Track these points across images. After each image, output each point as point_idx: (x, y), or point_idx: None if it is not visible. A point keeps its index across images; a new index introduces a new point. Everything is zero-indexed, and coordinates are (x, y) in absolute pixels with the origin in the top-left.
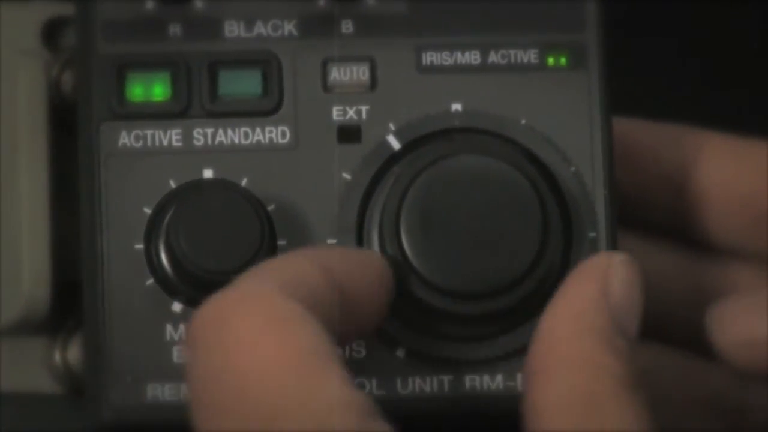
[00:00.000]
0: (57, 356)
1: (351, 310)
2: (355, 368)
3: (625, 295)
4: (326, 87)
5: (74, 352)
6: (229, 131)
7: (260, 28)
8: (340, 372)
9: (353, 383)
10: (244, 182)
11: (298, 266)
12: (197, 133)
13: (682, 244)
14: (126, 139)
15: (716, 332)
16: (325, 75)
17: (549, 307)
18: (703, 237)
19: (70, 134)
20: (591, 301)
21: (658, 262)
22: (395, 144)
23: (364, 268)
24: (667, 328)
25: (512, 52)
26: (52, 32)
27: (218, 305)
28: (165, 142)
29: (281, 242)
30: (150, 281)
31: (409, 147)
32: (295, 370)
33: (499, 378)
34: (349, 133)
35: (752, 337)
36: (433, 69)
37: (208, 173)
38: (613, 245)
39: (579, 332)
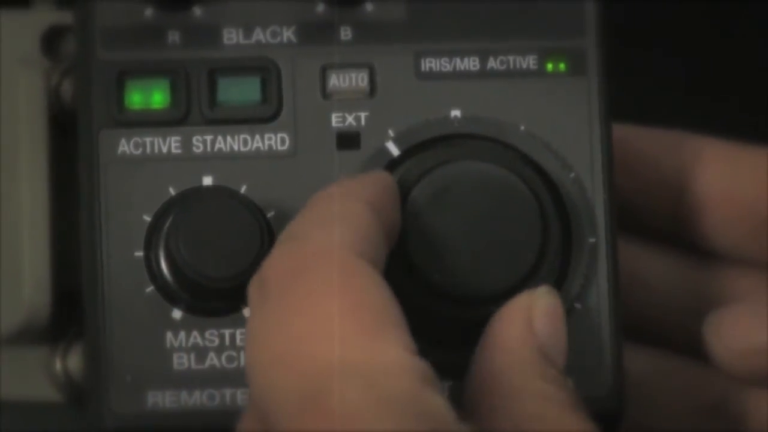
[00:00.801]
0: (58, 364)
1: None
2: None
3: (549, 327)
4: (325, 94)
5: (75, 361)
6: (229, 138)
7: (259, 35)
8: (403, 337)
9: (415, 349)
10: (243, 189)
11: (358, 216)
12: (196, 140)
13: (682, 250)
14: (125, 146)
15: (714, 341)
16: (324, 81)
17: (479, 347)
18: (702, 243)
19: (70, 142)
20: (517, 339)
21: (658, 267)
22: (394, 150)
23: (387, 189)
24: (667, 333)
25: (511, 58)
26: (51, 40)
27: (294, 256)
28: (164, 150)
29: None
30: (150, 288)
31: (408, 153)
32: (359, 331)
33: None
34: (348, 140)
35: (751, 345)
36: (432, 75)
37: (207, 180)
38: (613, 250)
39: (511, 366)
